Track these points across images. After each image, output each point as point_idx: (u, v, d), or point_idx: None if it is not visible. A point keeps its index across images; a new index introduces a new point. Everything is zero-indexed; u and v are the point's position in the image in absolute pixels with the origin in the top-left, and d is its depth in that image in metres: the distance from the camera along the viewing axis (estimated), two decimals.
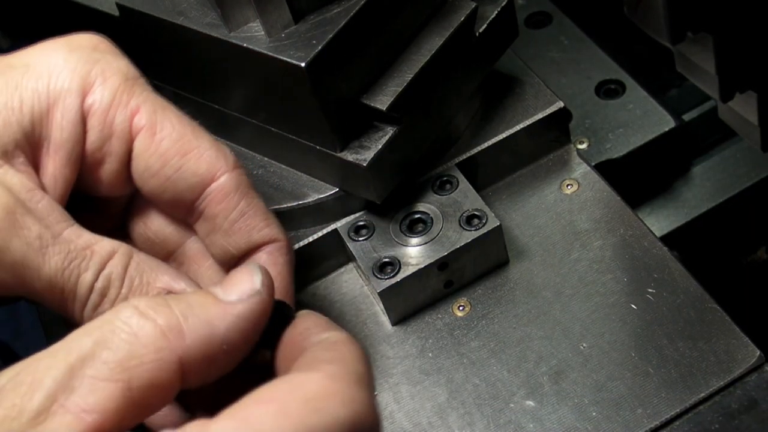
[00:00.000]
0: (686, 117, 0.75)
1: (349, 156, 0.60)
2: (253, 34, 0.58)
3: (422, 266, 0.61)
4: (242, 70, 0.60)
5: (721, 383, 0.56)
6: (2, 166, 0.48)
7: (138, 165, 0.51)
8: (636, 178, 0.72)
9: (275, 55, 0.56)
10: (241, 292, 0.44)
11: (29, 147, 0.49)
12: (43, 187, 0.49)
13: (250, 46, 0.57)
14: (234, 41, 0.58)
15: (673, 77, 0.71)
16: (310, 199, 0.64)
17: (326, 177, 0.64)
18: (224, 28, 0.58)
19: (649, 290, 0.61)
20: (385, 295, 0.61)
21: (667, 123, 0.73)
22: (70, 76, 0.50)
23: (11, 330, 1.69)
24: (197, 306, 0.42)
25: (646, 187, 0.74)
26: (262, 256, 0.52)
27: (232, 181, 0.51)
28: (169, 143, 0.50)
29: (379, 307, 0.63)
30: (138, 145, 0.51)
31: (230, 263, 0.53)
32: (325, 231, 0.65)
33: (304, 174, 0.65)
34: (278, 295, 0.47)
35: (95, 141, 0.50)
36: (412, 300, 0.62)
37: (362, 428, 0.40)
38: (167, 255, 0.55)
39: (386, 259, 0.62)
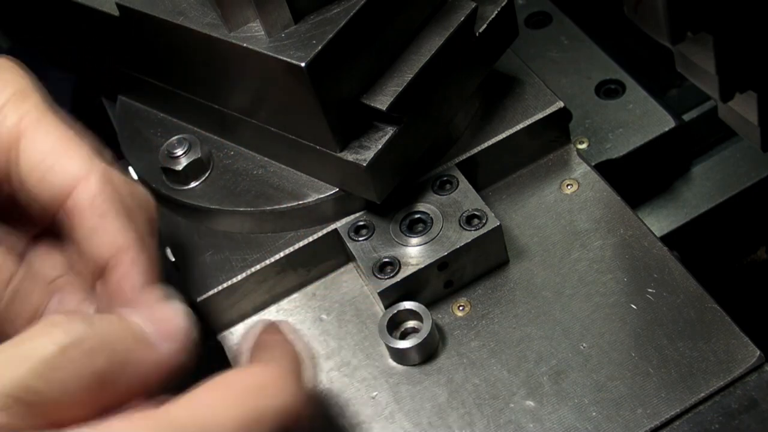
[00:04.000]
0: (686, 117, 0.75)
1: (349, 156, 0.60)
2: (253, 34, 0.58)
3: (422, 266, 0.61)
4: (242, 70, 0.60)
5: (721, 383, 0.56)
6: None
7: (19, 165, 0.54)
8: (636, 178, 0.72)
9: (275, 55, 0.56)
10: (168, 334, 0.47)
11: None
12: None
13: (250, 46, 0.57)
14: (234, 41, 0.58)
15: (673, 77, 0.71)
16: (310, 199, 0.64)
17: (326, 177, 0.64)
18: (224, 28, 0.58)
19: (649, 290, 0.61)
20: (385, 295, 0.61)
21: (667, 123, 0.73)
22: None
23: None
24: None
25: (646, 187, 0.74)
26: (118, 270, 0.53)
27: (96, 185, 0.53)
28: (45, 146, 0.53)
29: (379, 307, 0.63)
30: (22, 147, 0.54)
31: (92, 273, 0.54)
32: (325, 231, 0.65)
33: (304, 174, 0.65)
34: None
35: None
36: (412, 300, 0.62)
37: (295, 413, 0.47)
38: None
39: (386, 259, 0.62)
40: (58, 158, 0.53)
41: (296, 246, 0.64)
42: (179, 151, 0.67)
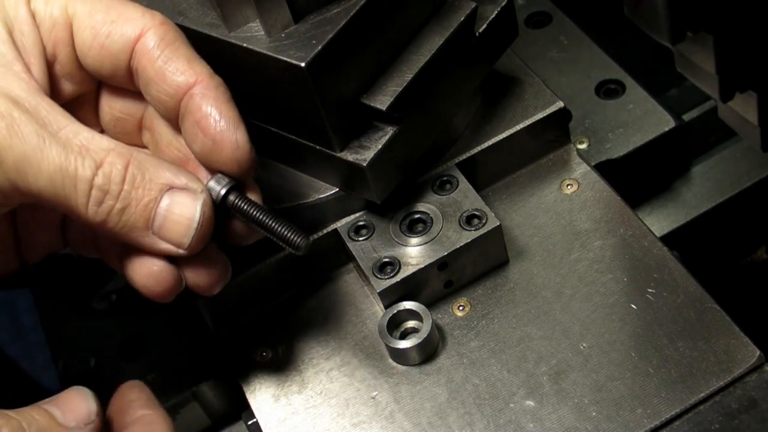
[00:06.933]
0: (686, 117, 0.75)
1: (349, 156, 0.60)
2: (253, 34, 0.58)
3: (422, 266, 0.61)
4: (242, 70, 0.60)
5: (721, 383, 0.56)
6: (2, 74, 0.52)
7: (78, 44, 0.55)
8: (636, 178, 0.72)
9: (275, 55, 0.56)
10: (77, 418, 0.50)
11: (18, 54, 0.53)
12: (41, 90, 0.52)
13: (250, 46, 0.57)
14: (234, 41, 0.58)
15: (673, 77, 0.71)
16: (310, 199, 0.64)
17: (326, 177, 0.64)
18: (224, 28, 0.58)
19: (649, 290, 0.61)
20: (385, 295, 0.61)
21: (667, 123, 0.73)
22: None
23: (11, 331, 1.69)
24: (40, 426, 0.48)
25: (646, 187, 0.74)
26: (195, 97, 0.54)
27: (156, 35, 0.55)
28: (99, 15, 0.54)
29: (379, 307, 0.63)
30: (75, 26, 0.55)
31: (172, 114, 0.55)
32: (325, 231, 0.65)
33: (304, 174, 0.65)
34: (224, 124, 0.54)
35: (46, 33, 0.54)
36: (412, 300, 0.62)
37: None
38: (139, 126, 0.59)
39: (386, 259, 0.62)
40: (113, 25, 0.54)
41: None
42: None
